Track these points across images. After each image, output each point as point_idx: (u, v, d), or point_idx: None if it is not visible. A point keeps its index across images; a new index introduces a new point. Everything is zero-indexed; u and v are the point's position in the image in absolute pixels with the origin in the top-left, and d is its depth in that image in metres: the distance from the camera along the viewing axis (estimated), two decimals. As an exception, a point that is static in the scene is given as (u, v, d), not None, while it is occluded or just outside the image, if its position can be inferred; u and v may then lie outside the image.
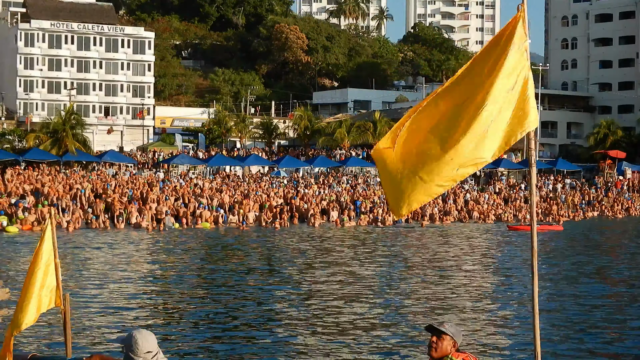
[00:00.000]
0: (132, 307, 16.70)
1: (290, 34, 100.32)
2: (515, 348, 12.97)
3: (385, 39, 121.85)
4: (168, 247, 31.71)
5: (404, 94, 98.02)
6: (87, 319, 14.99)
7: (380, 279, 21.95)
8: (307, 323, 14.86)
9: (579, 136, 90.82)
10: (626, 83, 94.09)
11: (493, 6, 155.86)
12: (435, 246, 32.89)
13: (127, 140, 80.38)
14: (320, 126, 74.71)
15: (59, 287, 7.71)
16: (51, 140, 59.86)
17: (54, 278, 7.64)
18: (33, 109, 79.29)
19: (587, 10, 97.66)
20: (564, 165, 72.10)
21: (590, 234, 42.78)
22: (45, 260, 7.58)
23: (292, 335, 13.83)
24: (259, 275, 22.69)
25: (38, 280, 7.52)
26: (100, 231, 38.48)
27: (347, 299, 17.89)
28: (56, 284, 7.68)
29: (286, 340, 13.41)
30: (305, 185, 56.05)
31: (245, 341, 13.34)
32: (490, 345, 13.14)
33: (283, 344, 13.08)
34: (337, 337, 13.63)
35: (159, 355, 5.47)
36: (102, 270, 23.27)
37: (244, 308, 16.68)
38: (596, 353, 12.97)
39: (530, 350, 12.16)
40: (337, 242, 34.32)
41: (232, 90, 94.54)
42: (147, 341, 5.44)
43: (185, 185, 50.70)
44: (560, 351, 12.87)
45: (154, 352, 5.42)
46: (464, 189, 60.18)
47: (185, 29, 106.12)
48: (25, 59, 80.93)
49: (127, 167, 61.98)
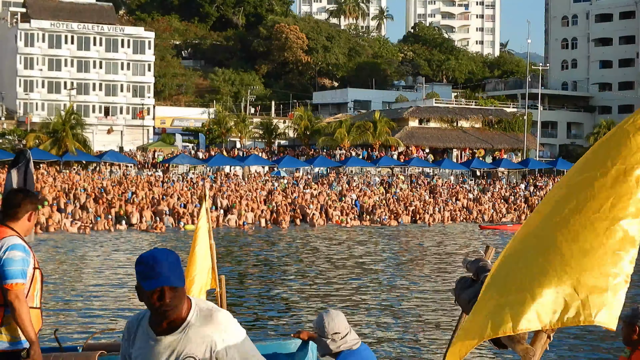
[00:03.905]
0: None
1: (290, 34, 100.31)
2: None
3: (385, 39, 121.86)
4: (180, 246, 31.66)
5: (404, 94, 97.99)
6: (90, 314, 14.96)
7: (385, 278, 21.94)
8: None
9: (579, 136, 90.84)
10: (626, 83, 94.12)
11: (493, 6, 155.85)
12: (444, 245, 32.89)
13: (127, 140, 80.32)
14: (320, 126, 74.69)
15: (214, 270, 7.69)
16: (51, 140, 59.85)
17: (209, 260, 7.64)
18: (33, 109, 79.24)
19: (587, 10, 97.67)
20: (564, 165, 72.03)
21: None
22: (203, 243, 7.59)
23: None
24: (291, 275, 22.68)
25: (197, 262, 7.53)
26: (101, 232, 38.46)
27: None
28: (212, 266, 7.67)
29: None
30: (305, 185, 56.02)
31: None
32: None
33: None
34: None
35: (350, 335, 5.43)
36: (109, 270, 23.25)
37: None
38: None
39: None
40: (348, 242, 34.30)
41: (232, 90, 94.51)
42: (334, 322, 5.41)
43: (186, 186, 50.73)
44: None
45: (343, 334, 5.39)
46: (466, 189, 60.19)
47: (185, 29, 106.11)
48: (25, 59, 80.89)
49: (127, 167, 61.96)
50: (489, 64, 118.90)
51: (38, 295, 5.36)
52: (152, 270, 3.11)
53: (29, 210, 5.38)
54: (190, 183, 52.61)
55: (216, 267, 7.73)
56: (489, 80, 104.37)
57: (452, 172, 68.24)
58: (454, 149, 77.11)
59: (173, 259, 3.16)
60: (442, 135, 77.70)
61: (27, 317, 5.10)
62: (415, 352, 12.68)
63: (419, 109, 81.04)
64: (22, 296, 5.11)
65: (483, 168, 70.15)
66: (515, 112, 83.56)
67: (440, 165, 67.59)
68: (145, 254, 3.18)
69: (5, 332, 5.21)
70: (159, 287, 3.10)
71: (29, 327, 5.11)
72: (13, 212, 5.33)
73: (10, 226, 5.30)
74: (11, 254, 5.14)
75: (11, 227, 5.30)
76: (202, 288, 7.54)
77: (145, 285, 3.13)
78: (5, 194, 5.58)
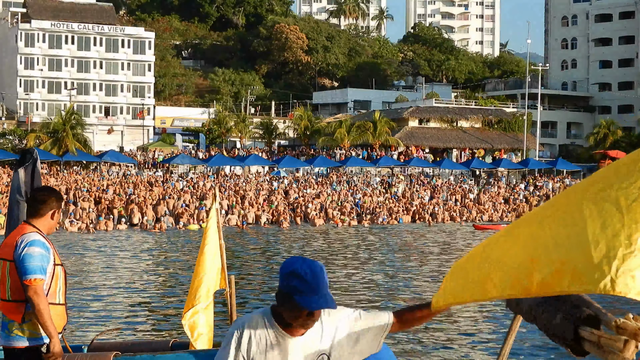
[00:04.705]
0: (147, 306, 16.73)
1: (290, 34, 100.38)
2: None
3: (385, 39, 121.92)
4: (190, 247, 31.75)
5: (404, 94, 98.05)
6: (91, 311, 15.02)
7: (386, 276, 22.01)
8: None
9: (578, 136, 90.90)
10: (626, 83, 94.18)
11: (493, 6, 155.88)
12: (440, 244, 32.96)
13: (127, 140, 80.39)
14: (320, 126, 74.73)
15: (224, 270, 7.71)
16: (51, 140, 59.93)
17: (219, 260, 7.65)
18: (33, 109, 79.32)
19: (587, 10, 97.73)
20: (563, 165, 72.14)
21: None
22: (212, 243, 7.61)
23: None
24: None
25: (206, 262, 7.55)
26: (102, 231, 38.52)
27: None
28: (221, 266, 7.68)
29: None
30: (305, 184, 56.09)
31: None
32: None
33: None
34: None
35: None
36: (117, 270, 23.30)
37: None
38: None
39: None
40: (352, 242, 34.38)
41: (232, 90, 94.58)
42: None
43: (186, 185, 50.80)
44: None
45: None
46: (465, 188, 60.24)
47: (185, 29, 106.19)
48: (25, 59, 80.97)
49: (127, 167, 62.03)
50: (489, 64, 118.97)
51: (61, 292, 5.44)
52: (312, 288, 3.05)
53: (53, 208, 5.47)
54: (190, 183, 52.69)
55: (226, 267, 7.76)
56: (488, 80, 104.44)
57: (452, 172, 68.30)
58: (454, 149, 77.17)
59: (325, 274, 3.12)
60: (442, 135, 77.76)
61: (46, 313, 5.17)
62: (416, 352, 12.76)
63: (419, 109, 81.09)
64: (41, 292, 5.19)
65: (483, 168, 70.21)
66: (515, 112, 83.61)
67: (440, 165, 67.65)
68: (300, 266, 3.09)
69: (27, 328, 5.30)
70: (321, 310, 3.09)
71: (49, 322, 5.18)
72: (37, 208, 5.44)
73: (32, 223, 5.41)
74: (30, 250, 5.23)
75: (33, 224, 5.40)
76: (211, 288, 7.58)
77: (304, 303, 3.06)
78: (31, 191, 5.68)
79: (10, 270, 5.29)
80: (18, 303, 5.28)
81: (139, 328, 14.15)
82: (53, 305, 5.29)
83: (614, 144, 78.52)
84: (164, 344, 7.70)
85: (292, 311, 3.11)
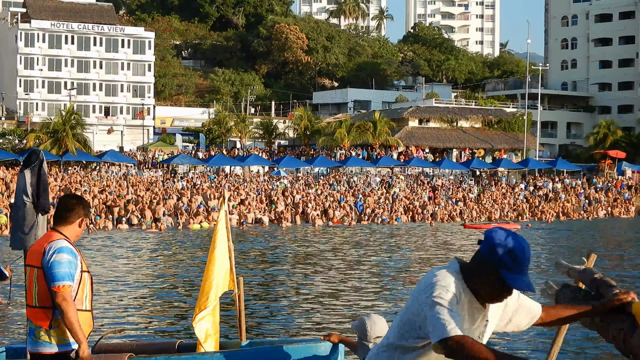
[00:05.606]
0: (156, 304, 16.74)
1: (290, 34, 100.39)
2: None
3: (385, 39, 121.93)
4: (198, 245, 31.76)
5: (404, 94, 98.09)
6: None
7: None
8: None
9: (578, 136, 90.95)
10: (626, 83, 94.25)
11: (493, 6, 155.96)
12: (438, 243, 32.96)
13: (127, 140, 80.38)
14: (320, 126, 74.75)
15: (232, 271, 7.72)
16: (51, 140, 59.92)
17: (228, 262, 7.66)
18: (33, 109, 79.29)
19: (587, 10, 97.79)
20: (563, 165, 72.18)
21: (550, 234, 41.94)
22: (221, 245, 7.61)
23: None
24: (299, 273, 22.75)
25: (216, 264, 7.56)
26: (102, 231, 38.53)
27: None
28: (230, 267, 7.69)
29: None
30: (305, 184, 56.11)
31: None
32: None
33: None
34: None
35: None
36: (122, 269, 23.31)
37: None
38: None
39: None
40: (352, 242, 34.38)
41: (232, 90, 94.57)
42: (376, 326, 5.40)
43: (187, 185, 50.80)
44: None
45: None
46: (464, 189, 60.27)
47: (185, 29, 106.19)
48: (25, 59, 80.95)
49: (127, 167, 62.04)
50: (489, 64, 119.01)
51: (88, 298, 5.49)
52: (521, 268, 3.05)
53: (81, 216, 5.53)
54: (190, 183, 52.71)
55: (234, 268, 7.75)
56: (488, 80, 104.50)
57: (452, 172, 68.32)
58: (454, 149, 77.21)
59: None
60: (442, 135, 77.79)
61: (75, 319, 5.22)
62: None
63: (418, 109, 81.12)
64: (70, 298, 5.23)
65: (483, 168, 70.23)
66: (515, 112, 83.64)
67: (440, 165, 67.68)
68: (515, 242, 3.07)
69: (54, 335, 5.34)
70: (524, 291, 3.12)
71: (77, 328, 5.22)
72: (65, 215, 5.48)
73: (59, 230, 5.45)
74: (58, 257, 5.27)
75: (61, 231, 5.44)
76: (220, 290, 7.58)
77: (511, 281, 3.06)
78: (60, 198, 5.74)
79: (38, 276, 5.34)
80: (46, 309, 5.32)
81: (140, 328, 14.16)
82: (80, 312, 5.33)
83: (614, 144, 78.57)
84: (170, 345, 7.69)
85: (492, 285, 3.10)
